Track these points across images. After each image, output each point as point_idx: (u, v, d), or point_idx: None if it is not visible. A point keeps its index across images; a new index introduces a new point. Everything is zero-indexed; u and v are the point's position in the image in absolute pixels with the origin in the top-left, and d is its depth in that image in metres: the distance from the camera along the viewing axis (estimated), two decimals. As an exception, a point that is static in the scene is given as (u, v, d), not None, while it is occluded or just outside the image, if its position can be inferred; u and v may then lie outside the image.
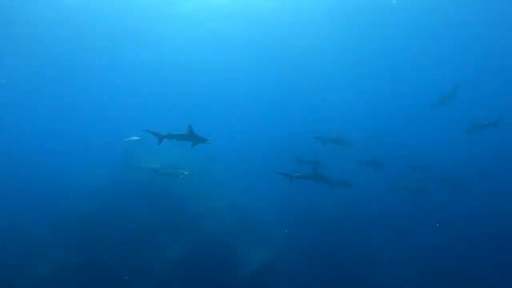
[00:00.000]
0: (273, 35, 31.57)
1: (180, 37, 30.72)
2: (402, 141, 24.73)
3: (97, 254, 12.52)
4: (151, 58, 36.15)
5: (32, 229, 14.27)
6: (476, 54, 31.65)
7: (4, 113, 43.37)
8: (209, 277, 12.10)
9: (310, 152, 16.29)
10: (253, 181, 19.40)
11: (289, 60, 38.47)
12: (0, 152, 28.63)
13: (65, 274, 11.86)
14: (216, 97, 48.21)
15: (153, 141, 10.78)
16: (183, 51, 35.44)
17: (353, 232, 15.90)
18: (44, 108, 45.25)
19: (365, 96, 42.71)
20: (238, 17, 27.02)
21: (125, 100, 47.74)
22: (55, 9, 23.22)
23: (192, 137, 9.93)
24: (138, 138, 20.94)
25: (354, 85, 41.32)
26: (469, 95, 29.90)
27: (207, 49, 35.40)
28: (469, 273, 14.10)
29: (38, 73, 34.96)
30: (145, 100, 49.18)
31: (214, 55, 38.84)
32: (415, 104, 35.51)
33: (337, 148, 16.02)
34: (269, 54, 37.84)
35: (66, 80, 39.05)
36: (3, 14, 23.36)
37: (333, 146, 15.88)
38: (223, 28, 29.68)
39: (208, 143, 9.91)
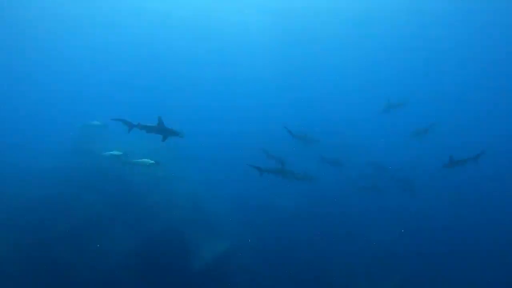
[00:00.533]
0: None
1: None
2: (360, 141, 25.46)
3: (46, 243, 11.99)
4: (116, 39, 35.31)
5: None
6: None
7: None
8: (161, 269, 11.99)
9: (274, 147, 16.55)
10: (213, 174, 19.32)
11: (257, 57, 39.33)
12: None
13: (8, 266, 11.27)
14: (182, 89, 47.69)
15: (118, 128, 10.40)
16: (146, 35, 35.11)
17: (309, 227, 16.24)
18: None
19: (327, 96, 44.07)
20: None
21: (87, 82, 45.92)
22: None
23: (163, 130, 9.57)
24: (99, 123, 20.07)
25: (318, 85, 42.66)
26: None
27: (176, 38, 35.29)
28: (418, 268, 15.04)
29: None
30: (110, 84, 47.58)
31: (182, 45, 38.78)
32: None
33: (303, 144, 16.47)
34: (237, 49, 38.53)
35: (21, 59, 37.25)
36: None
37: (299, 142, 16.30)
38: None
39: (180, 136, 9.64)
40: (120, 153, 15.60)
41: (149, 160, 14.26)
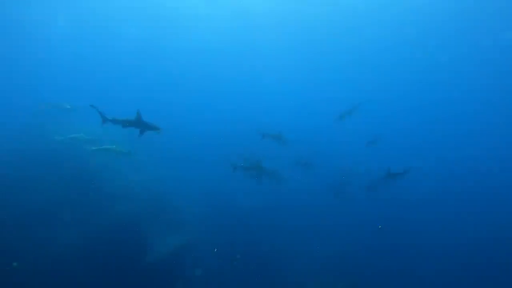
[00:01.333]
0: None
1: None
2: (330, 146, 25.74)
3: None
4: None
5: None
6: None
7: None
8: (112, 260, 11.40)
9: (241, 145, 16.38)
10: (175, 169, 18.74)
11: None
12: None
13: None
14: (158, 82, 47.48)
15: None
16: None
17: (268, 227, 16.13)
18: None
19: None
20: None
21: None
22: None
23: (141, 124, 9.20)
24: (69, 106, 18.96)
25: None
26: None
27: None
28: (370, 271, 15.35)
29: None
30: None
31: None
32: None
33: (275, 144, 16.37)
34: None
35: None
36: None
37: (271, 141, 16.18)
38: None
39: (158, 131, 9.30)
40: (86, 137, 14.73)
41: (123, 148, 13.44)
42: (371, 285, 14.65)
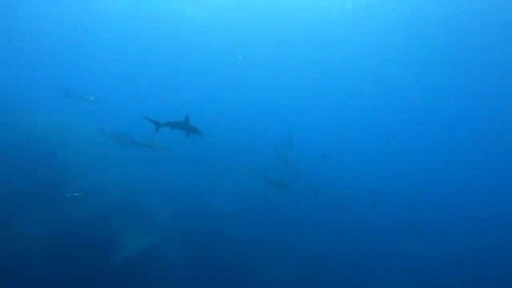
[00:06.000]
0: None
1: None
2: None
3: None
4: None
5: None
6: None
7: None
8: (79, 258, 11.09)
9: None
10: (149, 167, 18.42)
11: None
12: None
13: None
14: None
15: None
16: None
17: (239, 229, 16.19)
18: None
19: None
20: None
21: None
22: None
23: (188, 128, 9.92)
24: (93, 98, 18.95)
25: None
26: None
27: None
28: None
29: None
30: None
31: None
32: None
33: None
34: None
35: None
36: None
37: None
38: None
39: (200, 135, 9.97)
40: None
41: (159, 143, 13.78)
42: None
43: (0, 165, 13.27)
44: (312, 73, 44.81)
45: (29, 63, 44.11)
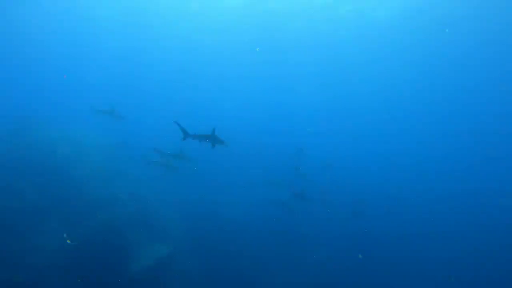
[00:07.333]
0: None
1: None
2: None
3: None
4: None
5: None
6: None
7: None
8: (96, 269, 11.18)
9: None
10: (160, 178, 18.54)
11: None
12: None
13: None
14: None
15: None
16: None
17: (251, 240, 16.10)
18: None
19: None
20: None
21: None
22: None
23: (214, 139, 10.22)
24: (112, 108, 18.50)
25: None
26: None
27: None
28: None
29: None
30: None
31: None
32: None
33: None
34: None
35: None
36: None
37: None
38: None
39: (226, 145, 10.28)
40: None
41: (189, 156, 14.29)
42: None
43: (15, 179, 13.42)
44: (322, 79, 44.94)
45: (42, 76, 45.05)
